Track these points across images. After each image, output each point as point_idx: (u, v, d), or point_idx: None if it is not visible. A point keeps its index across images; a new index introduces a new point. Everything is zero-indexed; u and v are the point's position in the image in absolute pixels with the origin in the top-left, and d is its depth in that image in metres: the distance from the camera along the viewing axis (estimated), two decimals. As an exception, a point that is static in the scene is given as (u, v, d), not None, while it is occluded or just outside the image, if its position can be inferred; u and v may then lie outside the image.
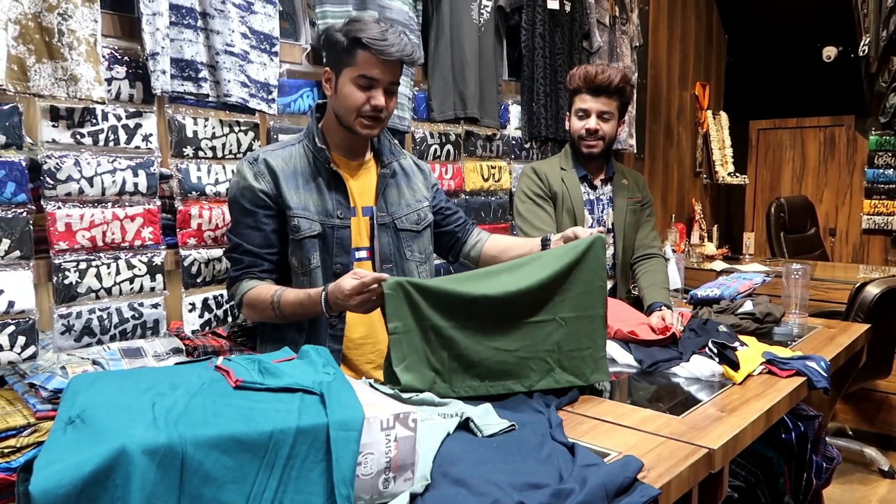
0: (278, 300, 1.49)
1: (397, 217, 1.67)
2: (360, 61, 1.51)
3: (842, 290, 2.94)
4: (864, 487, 2.92)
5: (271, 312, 1.50)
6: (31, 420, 1.43)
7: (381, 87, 1.54)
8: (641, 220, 2.30)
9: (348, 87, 1.53)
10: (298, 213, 1.55)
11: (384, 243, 1.65)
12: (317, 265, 1.57)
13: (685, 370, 1.60)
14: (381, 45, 1.48)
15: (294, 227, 1.55)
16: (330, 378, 0.99)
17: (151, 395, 0.90)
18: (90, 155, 1.60)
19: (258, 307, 1.54)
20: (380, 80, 1.53)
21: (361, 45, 1.49)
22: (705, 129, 4.79)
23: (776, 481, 1.79)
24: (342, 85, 1.55)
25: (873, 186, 4.61)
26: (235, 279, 1.59)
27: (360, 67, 1.51)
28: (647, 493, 0.99)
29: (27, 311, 1.52)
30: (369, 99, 1.53)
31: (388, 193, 1.68)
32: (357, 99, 1.53)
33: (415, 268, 1.70)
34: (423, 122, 2.51)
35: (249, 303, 1.55)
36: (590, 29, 3.20)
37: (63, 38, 1.50)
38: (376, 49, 1.48)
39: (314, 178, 1.58)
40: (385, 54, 1.49)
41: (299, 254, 1.56)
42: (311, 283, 1.57)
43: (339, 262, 1.59)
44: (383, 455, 0.90)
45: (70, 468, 0.73)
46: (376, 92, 1.53)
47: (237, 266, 1.58)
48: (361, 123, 1.56)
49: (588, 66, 2.14)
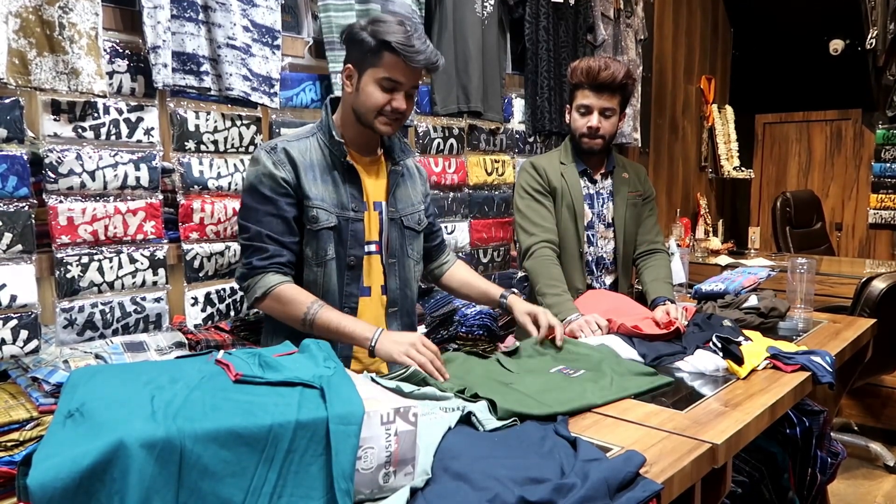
0: (315, 314, 1.48)
1: (404, 214, 1.71)
2: (385, 63, 1.52)
3: (848, 284, 2.93)
4: (869, 483, 2.91)
5: (300, 319, 1.49)
6: (34, 414, 1.44)
7: (403, 90, 1.55)
8: (643, 214, 2.28)
9: (371, 87, 1.54)
10: (317, 203, 1.55)
11: (392, 238, 1.68)
12: (332, 257, 1.58)
13: (689, 365, 1.59)
14: (410, 52, 1.50)
15: (312, 218, 1.55)
16: (330, 372, 0.99)
17: (151, 388, 0.89)
18: (92, 149, 1.60)
19: (287, 306, 1.51)
20: (403, 84, 1.55)
21: (389, 49, 1.50)
22: (711, 123, 4.76)
23: (780, 477, 1.79)
24: (365, 84, 1.55)
25: (880, 181, 4.58)
26: (261, 269, 1.52)
27: (385, 70, 1.52)
28: (649, 488, 0.98)
29: (29, 305, 1.52)
30: (391, 101, 1.54)
31: (398, 191, 1.71)
32: (379, 99, 1.54)
33: (413, 265, 1.74)
34: (427, 115, 2.50)
35: (279, 298, 1.51)
36: (594, 22, 3.18)
37: (64, 31, 1.50)
38: (405, 55, 1.50)
39: (329, 172, 1.59)
40: (413, 62, 1.51)
41: (315, 244, 1.57)
42: (325, 274, 1.58)
43: (353, 254, 1.61)
44: (383, 449, 0.90)
45: (68, 462, 0.73)
46: (398, 95, 1.55)
47: (261, 255, 1.52)
48: (381, 122, 1.57)
49: (591, 61, 2.08)
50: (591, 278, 2.20)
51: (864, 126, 4.70)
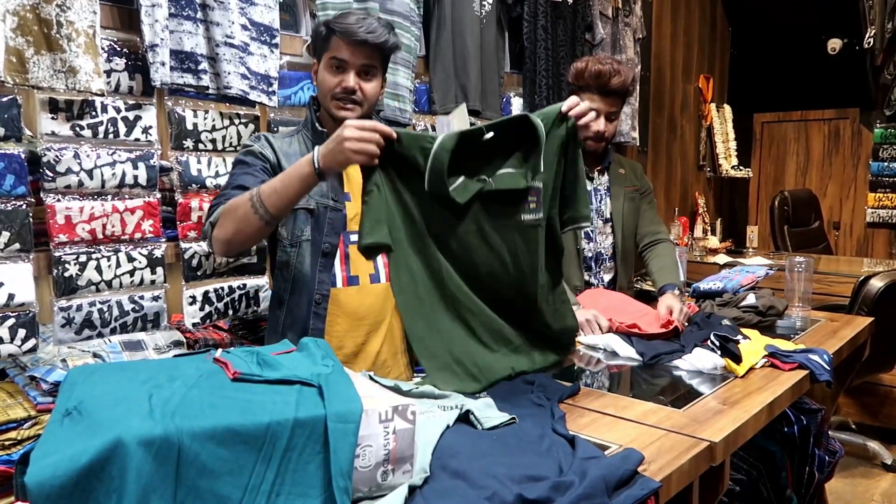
0: (258, 190, 1.37)
1: None
2: (332, 46, 1.56)
3: (845, 283, 2.93)
4: (866, 481, 2.92)
5: (250, 207, 1.37)
6: (32, 412, 1.44)
7: (352, 69, 1.57)
8: (642, 208, 2.28)
9: (322, 72, 1.59)
10: None
11: None
12: (307, 238, 1.58)
13: (687, 363, 1.59)
14: (347, 26, 1.53)
15: None
16: (328, 370, 0.98)
17: (148, 386, 0.89)
18: (90, 147, 1.60)
19: (236, 209, 1.40)
20: (349, 62, 1.56)
21: (334, 32, 1.55)
22: (709, 122, 4.76)
23: (778, 475, 1.79)
24: (320, 72, 1.60)
25: (878, 180, 4.58)
26: (212, 207, 1.47)
27: (331, 51, 1.57)
28: (647, 485, 0.98)
29: (27, 303, 1.51)
30: (341, 81, 1.56)
31: None
32: (329, 82, 1.57)
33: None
34: (425, 114, 2.50)
35: (225, 211, 1.42)
36: (592, 21, 3.18)
37: (62, 29, 1.49)
38: (342, 31, 1.53)
39: None
40: (350, 34, 1.53)
41: (290, 224, 1.57)
42: (298, 255, 1.58)
43: (329, 241, 1.60)
44: (382, 447, 0.90)
45: (66, 460, 0.73)
46: (347, 75, 1.57)
47: (220, 199, 1.47)
48: (336, 106, 1.59)
49: (599, 65, 2.04)
50: (590, 275, 2.20)
51: (862, 125, 4.70)
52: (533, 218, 1.38)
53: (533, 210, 1.38)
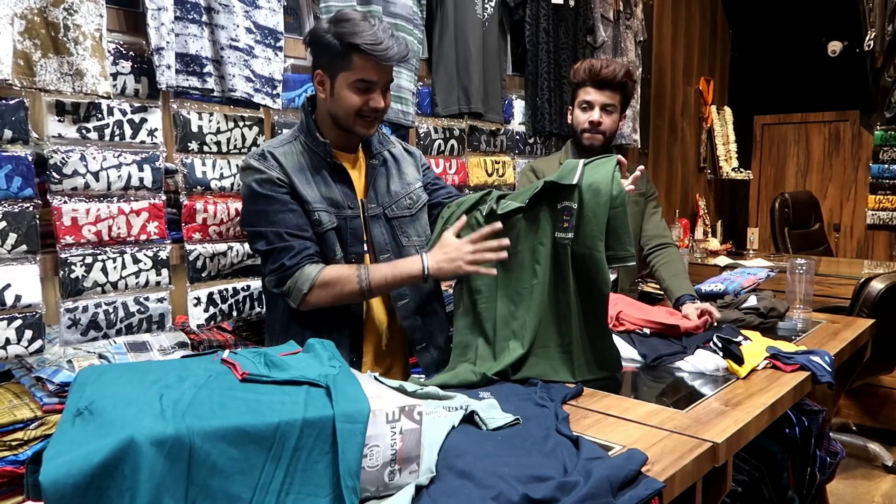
0: (368, 275, 1.50)
1: (387, 206, 1.66)
2: (356, 66, 1.49)
3: (846, 285, 2.94)
4: (867, 482, 2.92)
5: (357, 288, 1.49)
6: (38, 413, 1.44)
7: (378, 88, 1.54)
8: (647, 213, 2.29)
9: (345, 91, 1.52)
10: (317, 206, 1.54)
11: (377, 234, 1.64)
12: (340, 256, 1.56)
13: (689, 364, 1.61)
14: (380, 52, 1.47)
15: (316, 221, 1.53)
16: (335, 371, 0.99)
17: (159, 387, 0.90)
18: (96, 149, 1.61)
19: (342, 285, 1.49)
20: (377, 83, 1.53)
21: (357, 50, 1.48)
22: (709, 125, 4.77)
23: (780, 476, 1.80)
24: (339, 89, 1.53)
25: (878, 182, 4.59)
26: (294, 266, 1.49)
27: (357, 72, 1.50)
28: (651, 486, 0.99)
29: (34, 305, 1.52)
30: (368, 101, 1.53)
31: (378, 184, 1.67)
32: (356, 102, 1.52)
33: (414, 252, 1.66)
34: (428, 117, 2.51)
35: (325, 283, 1.49)
36: (594, 23, 3.19)
37: (69, 32, 1.50)
38: (375, 55, 1.48)
39: (318, 172, 1.57)
40: (384, 60, 1.49)
41: (322, 247, 1.55)
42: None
43: (354, 251, 1.59)
44: (389, 447, 0.91)
45: (79, 459, 0.74)
46: (374, 94, 1.53)
47: (289, 254, 1.49)
48: (361, 124, 1.56)
49: (593, 60, 2.16)
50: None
51: (863, 127, 4.71)
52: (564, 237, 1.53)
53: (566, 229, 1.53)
